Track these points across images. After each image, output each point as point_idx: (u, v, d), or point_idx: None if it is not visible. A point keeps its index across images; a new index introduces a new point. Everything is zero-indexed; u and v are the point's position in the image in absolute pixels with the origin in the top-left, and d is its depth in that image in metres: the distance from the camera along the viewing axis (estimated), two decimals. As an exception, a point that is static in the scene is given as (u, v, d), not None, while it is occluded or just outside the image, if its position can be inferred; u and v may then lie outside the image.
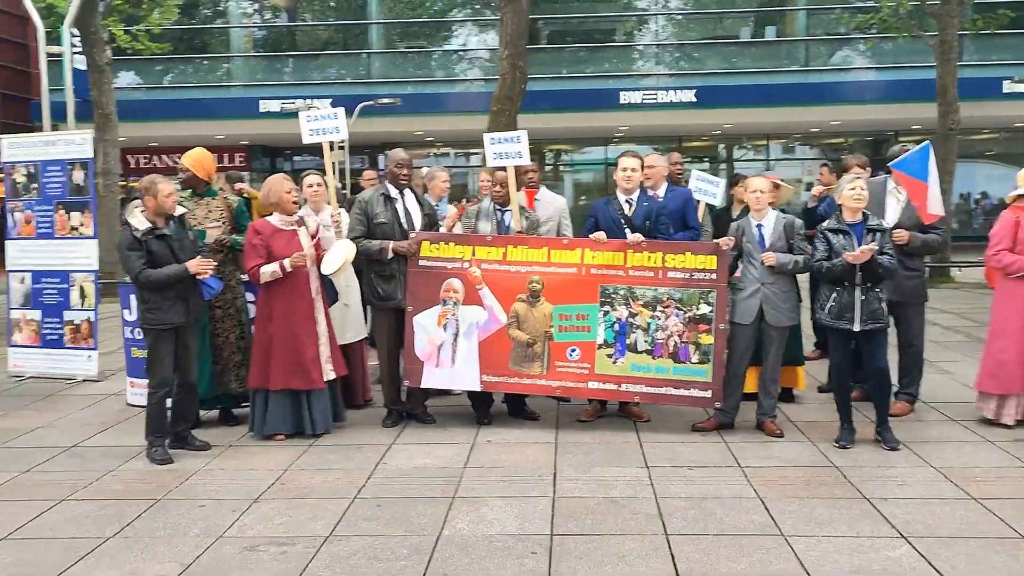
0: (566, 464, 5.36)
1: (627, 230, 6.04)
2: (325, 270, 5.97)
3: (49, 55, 9.39)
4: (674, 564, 3.91)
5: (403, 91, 21.74)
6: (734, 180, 7.36)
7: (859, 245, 5.40)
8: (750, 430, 5.97)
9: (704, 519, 4.43)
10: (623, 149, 6.96)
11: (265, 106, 22.16)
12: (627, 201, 6.16)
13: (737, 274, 5.91)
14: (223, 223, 6.24)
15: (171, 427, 5.74)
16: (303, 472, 5.33)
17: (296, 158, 26.73)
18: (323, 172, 6.79)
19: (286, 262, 5.77)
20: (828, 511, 4.49)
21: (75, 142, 8.13)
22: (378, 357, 6.48)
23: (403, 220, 6.20)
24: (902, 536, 4.15)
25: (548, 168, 27.43)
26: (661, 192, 6.56)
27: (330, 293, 6.19)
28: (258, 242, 5.81)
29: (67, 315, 8.17)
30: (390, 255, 6.06)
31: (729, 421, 6.01)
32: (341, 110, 6.50)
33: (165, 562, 4.06)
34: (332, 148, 6.67)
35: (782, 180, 6.56)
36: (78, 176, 8.08)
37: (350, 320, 6.70)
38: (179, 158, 6.41)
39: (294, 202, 5.93)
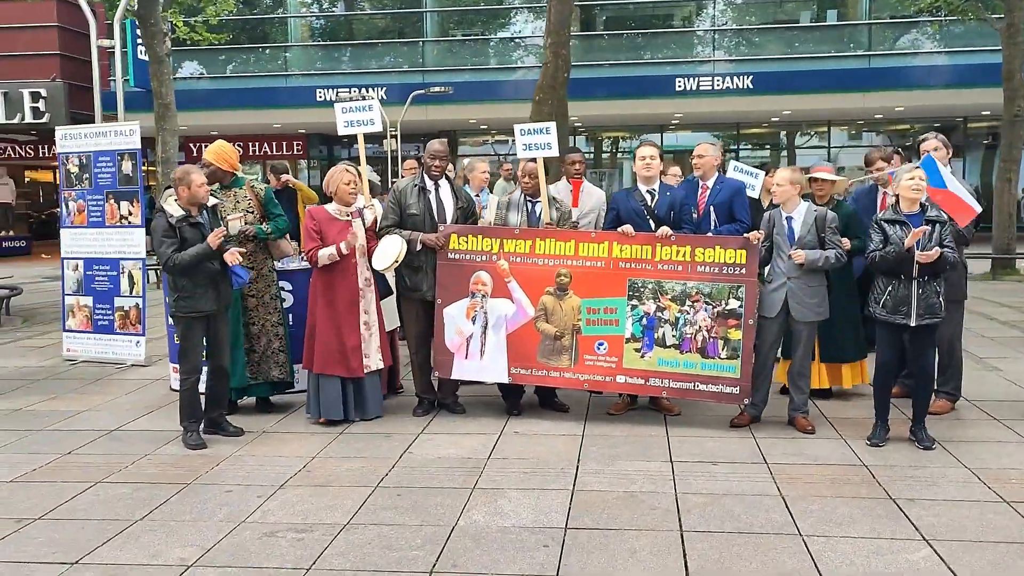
0: (589, 457, 5.35)
1: (651, 222, 5.98)
2: (376, 265, 6.04)
3: (100, 47, 9.63)
4: (685, 561, 3.88)
5: (458, 79, 21.80)
6: (766, 171, 7.23)
7: None
8: (782, 426, 5.88)
9: (721, 516, 4.38)
10: (679, 137, 6.93)
11: (321, 95, 22.45)
12: (648, 192, 6.10)
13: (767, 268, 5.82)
14: (247, 212, 6.31)
15: (205, 413, 5.89)
16: (330, 460, 5.41)
17: (354, 146, 27.02)
18: (357, 163, 6.86)
19: (342, 245, 5.91)
20: (850, 511, 4.40)
21: (124, 133, 8.35)
22: (408, 347, 6.54)
23: (435, 212, 6.23)
24: (924, 539, 4.05)
25: (605, 156, 27.34)
26: (711, 183, 6.45)
27: (382, 285, 6.27)
28: (312, 226, 6.01)
29: (117, 301, 8.42)
30: (419, 247, 6.10)
31: (757, 414, 5.92)
32: (376, 102, 6.56)
33: (188, 546, 4.17)
34: (386, 136, 6.76)
35: (836, 173, 6.39)
36: (127, 166, 8.30)
37: (385, 310, 6.74)
38: (239, 146, 6.55)
39: (351, 193, 6.04)
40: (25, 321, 11.42)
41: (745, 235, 5.73)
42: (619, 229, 5.96)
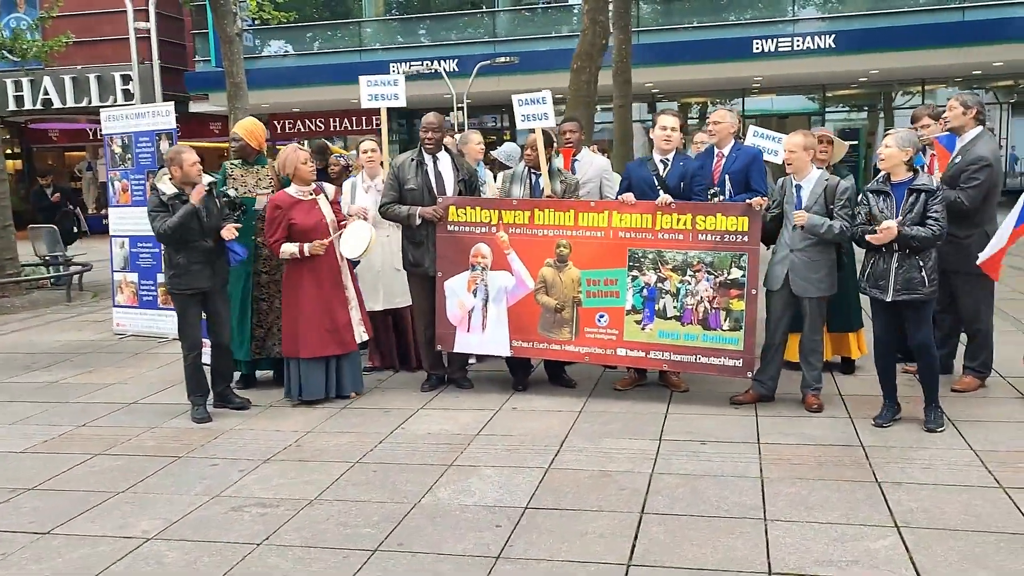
0: (578, 434, 5.24)
1: (660, 191, 5.76)
2: (347, 254, 5.99)
3: (137, 31, 9.90)
4: (633, 545, 3.75)
5: (527, 48, 21.56)
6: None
7: (898, 207, 4.92)
8: (793, 404, 5.62)
9: (690, 498, 4.21)
10: (764, 101, 6.65)
11: (395, 68, 22.56)
12: (662, 161, 5.87)
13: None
14: (272, 191, 6.41)
15: (213, 387, 6.02)
16: (323, 435, 5.46)
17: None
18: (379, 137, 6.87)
19: (306, 248, 5.83)
20: (828, 495, 4.17)
21: (161, 114, 8.57)
22: (415, 322, 6.52)
23: (434, 186, 6.16)
24: (895, 525, 3.80)
25: (693, 122, 26.58)
26: (726, 150, 6.18)
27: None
28: (278, 215, 5.88)
29: (159, 278, 8.68)
30: (418, 221, 6.05)
31: (768, 393, 5.67)
32: (401, 76, 6.55)
33: (155, 519, 4.26)
34: (453, 109, 6.74)
35: (835, 136, 6.04)
36: (164, 146, 8.51)
37: (401, 285, 6.70)
38: (320, 122, 6.67)
39: (310, 171, 5.99)
40: (95, 296, 11.94)
41: (747, 200, 5.45)
42: (619, 197, 5.77)
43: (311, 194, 6.07)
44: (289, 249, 5.89)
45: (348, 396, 6.13)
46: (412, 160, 6.18)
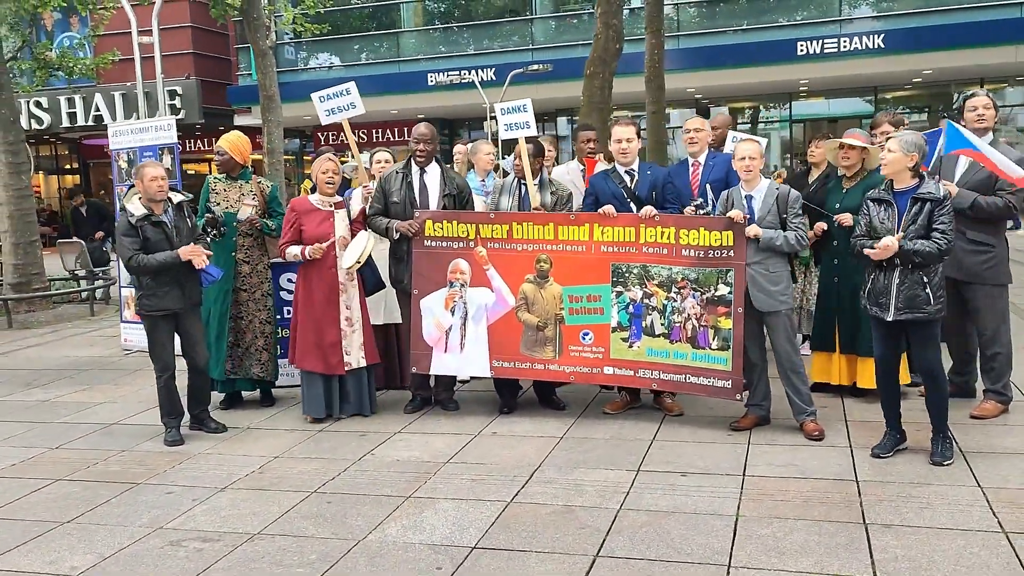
0: (553, 463, 4.90)
1: (632, 204, 5.41)
2: (342, 264, 5.79)
3: (141, 45, 9.86)
4: (576, 595, 3.41)
5: (565, 56, 21.25)
6: (809, 139, 6.46)
7: (901, 218, 4.48)
8: (792, 429, 5.21)
9: (652, 540, 3.84)
10: (807, 105, 6.32)
11: (432, 79, 22.48)
12: (627, 172, 5.52)
13: None
14: (257, 207, 6.23)
15: (188, 410, 5.84)
16: (291, 460, 5.22)
17: (474, 132, 26.96)
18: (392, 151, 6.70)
19: (308, 251, 5.69)
20: (806, 538, 3.76)
21: (163, 128, 8.47)
22: (401, 339, 6.26)
23: (417, 199, 5.89)
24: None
25: (745, 127, 25.93)
26: (702, 159, 5.82)
27: (369, 279, 6.01)
28: (292, 218, 5.84)
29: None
30: (395, 235, 5.78)
31: (764, 414, 5.28)
32: (352, 84, 6.29)
33: (89, 553, 4.05)
34: (487, 118, 6.49)
35: (869, 140, 5.60)
36: (166, 160, 8.40)
37: (390, 301, 6.48)
38: (364, 133, 6.52)
39: (327, 183, 5.82)
40: (119, 310, 11.94)
41: (729, 214, 5.07)
42: (600, 210, 5.43)
43: (330, 206, 5.88)
44: (292, 251, 5.80)
45: (356, 415, 5.98)
46: (398, 172, 5.93)
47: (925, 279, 4.43)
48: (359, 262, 5.75)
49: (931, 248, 4.37)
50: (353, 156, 6.47)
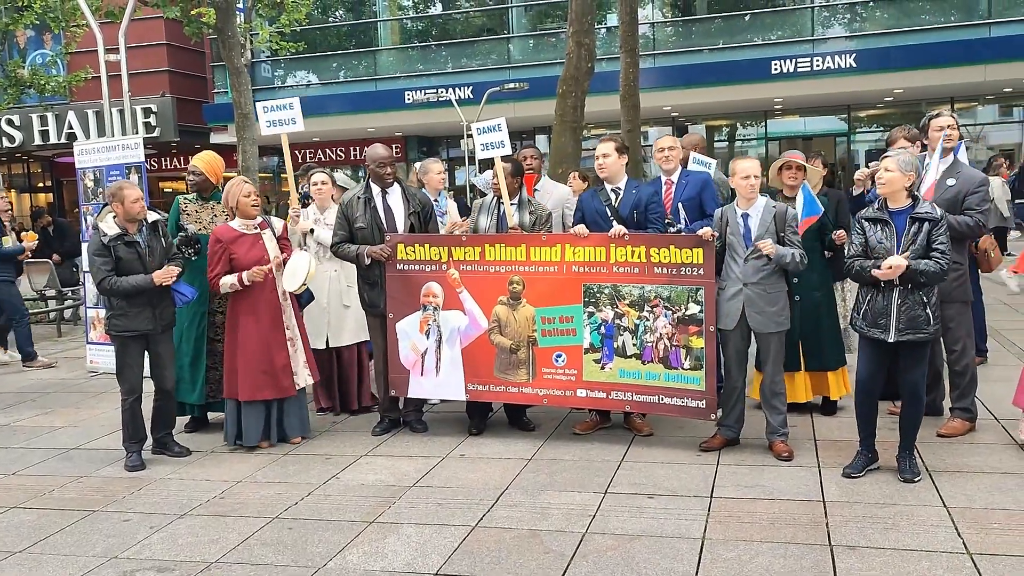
0: (520, 485, 4.83)
1: (613, 222, 5.38)
2: (287, 286, 5.70)
3: (108, 63, 9.78)
4: (537, 623, 3.34)
5: (542, 75, 21.30)
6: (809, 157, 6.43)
7: (899, 237, 4.46)
8: (761, 448, 5.17)
9: (617, 565, 3.78)
10: (782, 123, 6.29)
11: (410, 96, 22.47)
12: (614, 191, 5.49)
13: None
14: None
15: (152, 433, 5.72)
16: (253, 485, 5.11)
17: (452, 150, 26.96)
18: (329, 171, 6.61)
19: (244, 276, 5.55)
20: (770, 561, 3.71)
21: (129, 147, 8.37)
22: (375, 364, 6.18)
23: (383, 222, 5.81)
24: (837, 602, 3.35)
25: (722, 144, 26.06)
26: (675, 177, 5.81)
27: (304, 295, 5.93)
28: (218, 249, 5.60)
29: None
30: (367, 261, 5.71)
31: (734, 436, 5.24)
32: (296, 100, 6.24)
33: (39, 584, 3.95)
34: (463, 136, 6.44)
35: (807, 161, 5.62)
36: (133, 179, 8.29)
37: (348, 322, 6.43)
38: (341, 151, 6.44)
39: (252, 205, 5.69)
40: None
41: (698, 232, 5.04)
42: (571, 230, 5.40)
43: (255, 228, 5.77)
44: (228, 281, 5.59)
45: (290, 441, 5.80)
46: (359, 198, 5.84)
47: (925, 299, 4.42)
48: (304, 285, 5.67)
49: (935, 268, 4.36)
50: (286, 173, 6.41)
